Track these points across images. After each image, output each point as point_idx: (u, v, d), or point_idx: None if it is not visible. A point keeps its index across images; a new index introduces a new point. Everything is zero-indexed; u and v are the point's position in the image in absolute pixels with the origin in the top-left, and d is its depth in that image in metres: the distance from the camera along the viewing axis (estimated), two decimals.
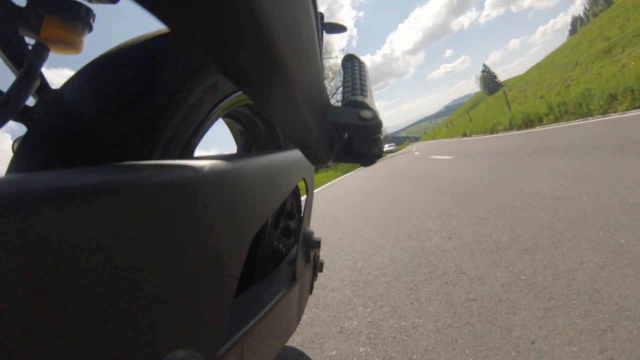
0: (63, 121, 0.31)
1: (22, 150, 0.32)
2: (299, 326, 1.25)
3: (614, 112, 5.83)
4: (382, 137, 0.36)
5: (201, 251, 0.24)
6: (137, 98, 0.31)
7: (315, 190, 5.06)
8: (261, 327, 0.43)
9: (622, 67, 8.56)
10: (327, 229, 2.92)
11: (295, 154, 0.46)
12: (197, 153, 0.43)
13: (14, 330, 0.13)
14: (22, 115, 0.43)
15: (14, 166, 0.34)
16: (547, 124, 7.90)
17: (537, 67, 23.21)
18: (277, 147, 0.75)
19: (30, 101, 0.42)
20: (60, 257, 0.14)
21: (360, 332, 1.11)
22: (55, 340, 0.14)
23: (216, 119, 0.46)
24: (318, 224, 3.22)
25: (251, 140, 0.73)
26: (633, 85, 5.63)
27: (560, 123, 7.29)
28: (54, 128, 0.31)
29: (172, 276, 0.21)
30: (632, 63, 8.08)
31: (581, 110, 6.77)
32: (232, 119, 0.68)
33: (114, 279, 0.17)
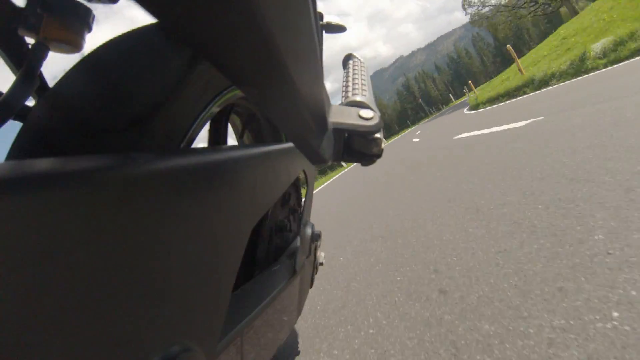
0: (57, 116, 0.31)
1: (16, 146, 0.32)
2: None
3: None
4: (382, 136, 0.36)
5: (199, 243, 0.24)
6: (133, 91, 0.31)
7: None
8: (261, 321, 0.43)
9: None
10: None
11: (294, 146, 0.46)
12: (196, 146, 0.43)
13: (6, 318, 0.12)
14: (22, 115, 0.44)
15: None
16: None
17: None
18: (277, 139, 0.75)
19: (30, 101, 0.42)
20: (54, 249, 0.14)
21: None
22: (52, 333, 0.14)
23: (215, 112, 0.46)
24: None
25: (250, 132, 0.73)
26: None
27: None
28: (48, 124, 0.31)
29: (168, 268, 0.21)
30: None
31: None
32: (231, 111, 0.68)
33: (109, 271, 0.16)
